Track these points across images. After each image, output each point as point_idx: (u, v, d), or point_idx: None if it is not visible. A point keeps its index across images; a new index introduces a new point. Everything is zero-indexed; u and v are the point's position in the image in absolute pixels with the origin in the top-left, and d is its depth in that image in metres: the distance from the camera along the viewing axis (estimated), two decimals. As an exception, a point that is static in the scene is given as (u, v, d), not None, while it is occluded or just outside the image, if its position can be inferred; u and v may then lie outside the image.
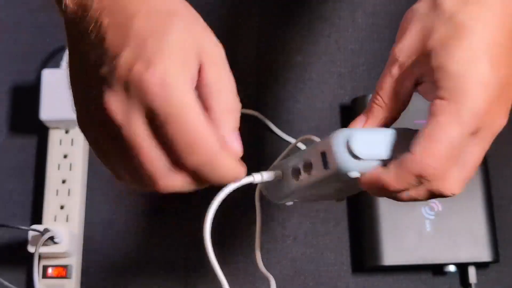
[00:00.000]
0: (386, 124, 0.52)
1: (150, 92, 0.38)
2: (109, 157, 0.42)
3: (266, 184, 0.53)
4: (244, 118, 0.47)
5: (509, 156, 0.77)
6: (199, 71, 0.41)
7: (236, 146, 0.43)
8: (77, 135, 0.75)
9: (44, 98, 0.73)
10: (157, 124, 0.39)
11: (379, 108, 0.51)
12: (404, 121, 0.74)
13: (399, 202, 0.72)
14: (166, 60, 0.38)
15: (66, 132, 0.76)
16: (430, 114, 0.47)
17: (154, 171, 0.41)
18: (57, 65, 0.78)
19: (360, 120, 0.52)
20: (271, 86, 0.80)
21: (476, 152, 0.48)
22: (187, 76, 0.40)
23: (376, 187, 0.48)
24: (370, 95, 0.75)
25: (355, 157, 0.47)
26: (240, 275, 0.73)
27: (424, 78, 0.49)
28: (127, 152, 0.40)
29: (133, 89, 0.38)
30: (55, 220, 0.73)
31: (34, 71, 0.80)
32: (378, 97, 0.51)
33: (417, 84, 0.50)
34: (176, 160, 0.40)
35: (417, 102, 0.75)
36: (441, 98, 0.46)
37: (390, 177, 0.47)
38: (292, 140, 0.77)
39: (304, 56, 0.81)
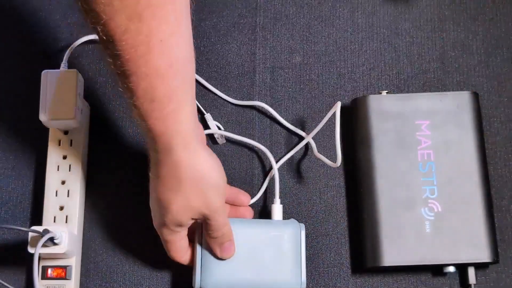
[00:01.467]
0: None
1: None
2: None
3: None
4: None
5: (509, 156, 0.77)
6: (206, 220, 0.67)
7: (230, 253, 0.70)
8: (76, 136, 0.75)
9: (43, 99, 0.73)
10: None
11: None
12: (404, 121, 0.74)
13: (399, 203, 0.72)
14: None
15: (65, 133, 0.76)
16: None
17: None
18: (57, 65, 0.78)
19: None
20: (271, 86, 0.80)
21: None
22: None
23: None
24: (370, 95, 0.75)
25: None
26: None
27: None
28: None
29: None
30: (54, 221, 0.73)
31: (34, 71, 0.80)
32: None
33: None
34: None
35: (417, 102, 0.75)
36: None
37: None
38: (297, 130, 0.77)
39: (304, 56, 0.81)
